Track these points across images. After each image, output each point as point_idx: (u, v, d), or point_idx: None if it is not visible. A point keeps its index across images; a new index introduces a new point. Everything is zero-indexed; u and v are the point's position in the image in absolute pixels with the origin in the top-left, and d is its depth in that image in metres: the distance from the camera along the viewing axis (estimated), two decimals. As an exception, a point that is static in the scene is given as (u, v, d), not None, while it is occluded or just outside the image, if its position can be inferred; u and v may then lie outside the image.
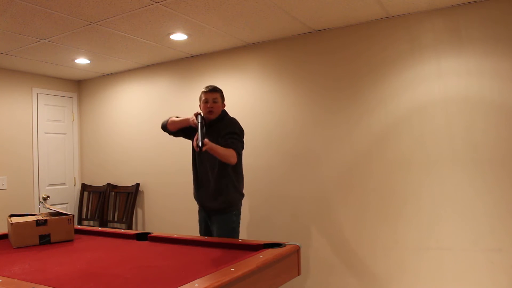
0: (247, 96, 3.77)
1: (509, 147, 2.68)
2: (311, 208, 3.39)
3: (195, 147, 2.35)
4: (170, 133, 2.88)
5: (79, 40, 3.41)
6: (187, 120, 2.70)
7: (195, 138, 2.35)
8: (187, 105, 4.07)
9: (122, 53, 3.87)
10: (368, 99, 3.17)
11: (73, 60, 4.06)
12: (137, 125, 4.52)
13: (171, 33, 3.32)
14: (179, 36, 3.41)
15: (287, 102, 3.55)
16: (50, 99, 4.76)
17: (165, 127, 2.88)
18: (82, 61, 4.11)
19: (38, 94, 4.63)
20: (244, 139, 2.78)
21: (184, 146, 3.66)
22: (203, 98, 2.76)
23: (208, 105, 2.72)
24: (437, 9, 2.93)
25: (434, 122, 2.91)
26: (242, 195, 2.87)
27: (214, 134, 2.67)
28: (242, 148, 2.71)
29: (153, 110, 4.40)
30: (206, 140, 2.36)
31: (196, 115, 2.60)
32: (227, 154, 2.52)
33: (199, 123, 2.46)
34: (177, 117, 2.86)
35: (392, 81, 3.08)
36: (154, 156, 4.35)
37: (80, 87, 5.10)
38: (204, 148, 2.32)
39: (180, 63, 4.22)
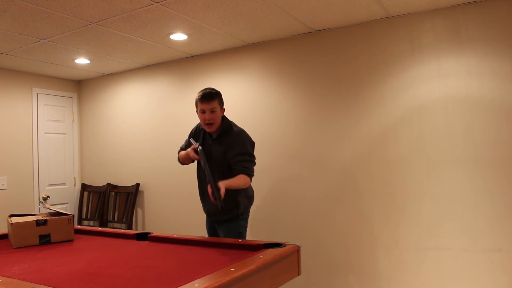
0: (247, 96, 3.77)
1: (509, 147, 2.68)
2: (311, 208, 3.39)
3: (214, 201, 2.23)
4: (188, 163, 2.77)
5: (79, 40, 3.41)
6: (188, 156, 2.59)
7: (210, 192, 2.24)
8: (187, 105, 4.06)
9: (122, 53, 3.87)
10: (369, 99, 3.17)
11: (73, 60, 4.06)
12: (137, 125, 4.52)
13: (171, 33, 3.32)
14: (179, 36, 3.41)
15: (287, 102, 3.55)
16: (50, 99, 4.76)
17: (180, 162, 2.78)
18: (82, 61, 4.11)
19: (38, 94, 4.63)
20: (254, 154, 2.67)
21: (184, 146, 3.65)
22: (199, 108, 2.52)
23: (206, 117, 2.49)
24: (437, 9, 2.93)
25: (434, 122, 2.91)
26: (251, 201, 2.76)
27: (221, 147, 2.55)
28: (254, 164, 2.59)
29: (153, 110, 4.40)
30: (221, 190, 2.23)
31: (195, 149, 2.51)
32: (242, 184, 2.44)
33: (206, 165, 2.38)
34: (182, 148, 2.81)
35: (392, 81, 3.08)
36: (154, 156, 4.35)
37: (80, 87, 5.10)
38: (222, 197, 2.23)
39: (180, 63, 4.22)
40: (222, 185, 2.27)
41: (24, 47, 3.59)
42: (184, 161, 2.72)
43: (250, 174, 2.51)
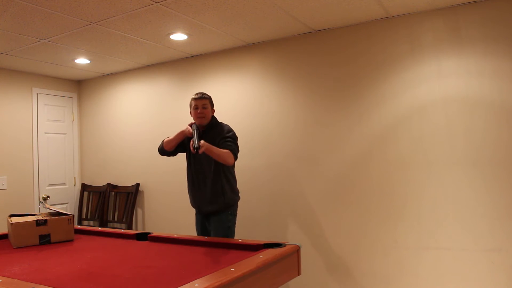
0: (247, 96, 3.77)
1: (509, 147, 2.68)
2: (311, 208, 3.39)
3: (192, 150, 2.47)
4: (169, 153, 2.94)
5: (79, 40, 3.41)
6: (182, 132, 2.82)
7: (191, 142, 2.49)
8: (187, 105, 4.05)
9: (122, 53, 3.87)
10: (368, 99, 3.17)
11: (73, 60, 4.06)
12: (137, 125, 4.52)
13: (171, 33, 3.32)
14: (179, 36, 3.41)
15: (287, 102, 3.55)
16: (50, 99, 4.76)
17: (162, 149, 2.94)
18: (82, 61, 4.11)
19: (38, 94, 4.63)
20: (238, 143, 2.88)
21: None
22: (193, 105, 2.87)
23: (199, 111, 2.83)
24: (437, 9, 2.93)
25: (434, 122, 2.92)
26: (238, 197, 2.98)
27: (209, 140, 2.75)
28: (238, 150, 2.82)
29: (153, 110, 4.40)
30: (202, 141, 2.49)
31: (191, 125, 2.80)
32: (224, 154, 2.65)
33: (194, 130, 2.63)
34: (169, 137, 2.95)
35: (392, 81, 3.08)
36: (154, 156, 4.35)
37: (80, 87, 5.10)
38: (201, 150, 2.46)
39: (180, 63, 4.22)
40: (205, 142, 2.52)
41: (24, 47, 3.59)
42: (168, 143, 2.86)
43: (234, 151, 2.74)
